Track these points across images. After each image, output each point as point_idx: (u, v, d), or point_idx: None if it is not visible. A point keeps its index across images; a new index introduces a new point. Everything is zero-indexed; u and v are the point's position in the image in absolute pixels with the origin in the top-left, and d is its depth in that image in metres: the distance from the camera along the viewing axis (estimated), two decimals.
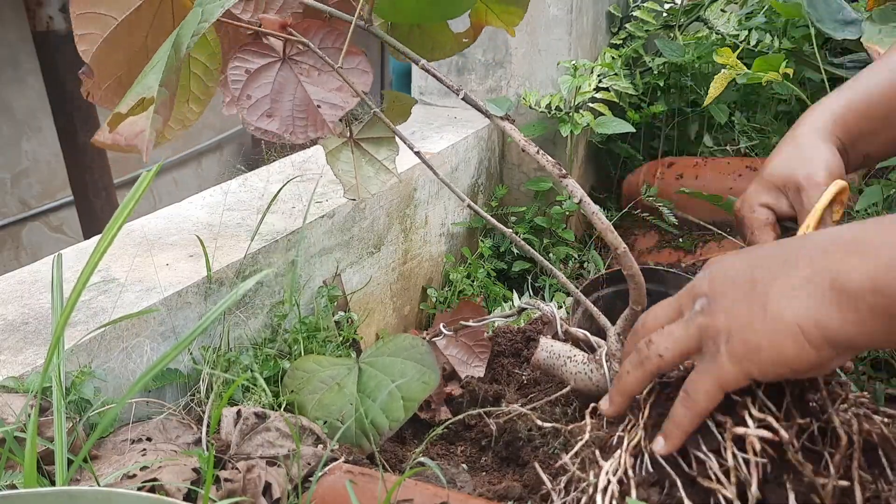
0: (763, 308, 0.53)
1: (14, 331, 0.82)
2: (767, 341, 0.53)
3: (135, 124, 0.64)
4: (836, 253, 0.52)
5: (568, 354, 0.81)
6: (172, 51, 0.67)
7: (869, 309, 0.50)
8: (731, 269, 0.58)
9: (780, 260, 0.55)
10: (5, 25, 3.42)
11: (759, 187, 0.82)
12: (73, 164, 3.02)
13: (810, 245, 0.55)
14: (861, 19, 1.25)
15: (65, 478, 0.64)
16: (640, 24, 1.68)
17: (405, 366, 0.87)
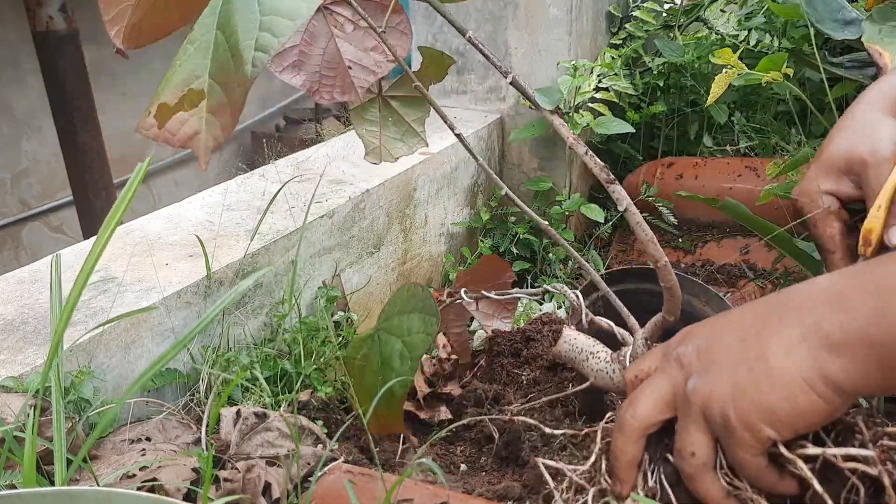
0: (766, 369, 0.52)
1: (14, 331, 0.82)
2: (778, 399, 0.51)
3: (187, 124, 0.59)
4: (821, 309, 0.51)
5: (591, 350, 0.79)
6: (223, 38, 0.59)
7: (865, 360, 0.49)
8: (717, 337, 0.56)
9: (767, 319, 0.54)
10: (5, 25, 3.43)
11: (818, 172, 0.76)
12: (73, 164, 3.02)
13: (796, 301, 0.54)
14: (861, 19, 1.25)
15: (64, 478, 0.64)
16: (640, 25, 1.67)
17: (411, 320, 0.82)
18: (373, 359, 0.82)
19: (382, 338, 0.82)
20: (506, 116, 1.64)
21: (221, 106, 0.59)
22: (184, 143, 0.59)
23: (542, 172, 1.62)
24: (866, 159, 0.72)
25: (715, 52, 1.28)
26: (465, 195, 1.52)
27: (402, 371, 0.80)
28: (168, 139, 0.59)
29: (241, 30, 0.58)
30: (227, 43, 0.59)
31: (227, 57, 0.59)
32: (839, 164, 0.74)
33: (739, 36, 1.56)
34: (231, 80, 0.58)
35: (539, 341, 1.06)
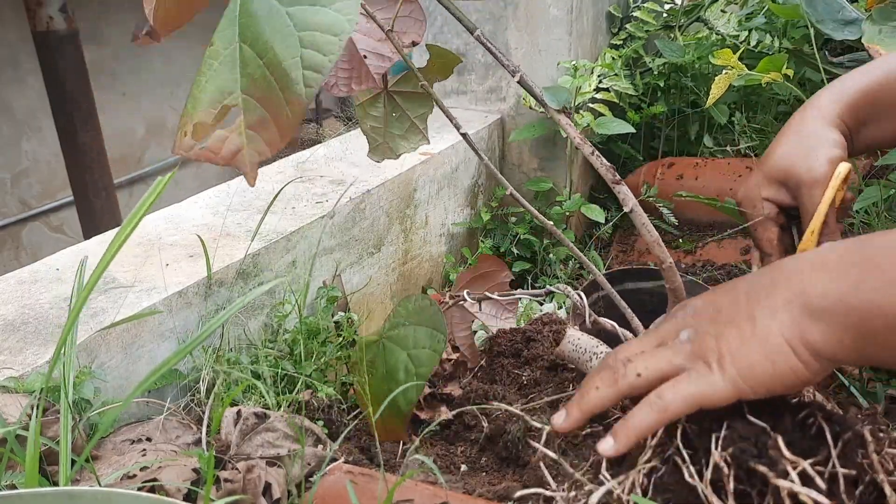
0: (752, 329, 0.55)
1: (14, 331, 0.82)
2: (760, 359, 0.54)
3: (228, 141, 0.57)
4: (807, 276, 0.54)
5: (594, 350, 0.79)
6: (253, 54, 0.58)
7: (842, 326, 0.52)
8: (714, 300, 0.60)
9: (761, 285, 0.57)
10: (5, 25, 3.43)
11: (761, 180, 0.82)
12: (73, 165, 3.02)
13: (787, 269, 0.57)
14: (861, 19, 1.25)
15: (68, 478, 0.64)
16: (641, 25, 1.67)
17: (418, 333, 0.82)
18: (378, 366, 0.83)
19: (388, 347, 0.83)
20: (506, 117, 1.64)
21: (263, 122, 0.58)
22: (227, 161, 0.58)
23: (543, 173, 1.62)
24: (803, 178, 0.77)
25: (715, 53, 1.28)
26: (465, 195, 1.52)
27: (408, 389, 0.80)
28: (211, 158, 0.58)
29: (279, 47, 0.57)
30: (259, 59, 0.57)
31: (264, 74, 0.57)
32: (779, 175, 0.80)
33: (740, 36, 1.56)
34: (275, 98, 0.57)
35: (539, 342, 1.06)
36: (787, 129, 0.82)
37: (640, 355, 0.59)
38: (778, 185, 0.81)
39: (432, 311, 0.81)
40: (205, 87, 0.58)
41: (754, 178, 0.83)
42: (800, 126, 0.81)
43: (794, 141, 0.80)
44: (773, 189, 0.81)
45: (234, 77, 0.58)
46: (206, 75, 0.59)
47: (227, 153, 0.57)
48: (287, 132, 0.57)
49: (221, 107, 0.58)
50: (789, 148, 0.80)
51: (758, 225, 0.81)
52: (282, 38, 0.57)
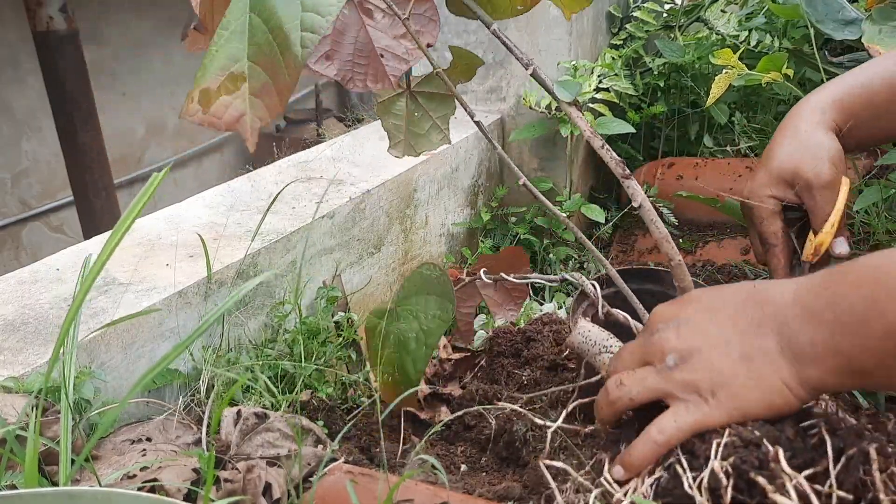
0: (748, 369, 0.60)
1: (14, 331, 0.82)
2: (757, 397, 0.59)
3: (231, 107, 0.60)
4: (794, 324, 0.59)
5: (604, 344, 0.79)
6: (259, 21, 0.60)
7: (836, 368, 0.57)
8: (699, 323, 0.64)
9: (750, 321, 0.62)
10: (5, 25, 3.43)
11: (767, 179, 0.87)
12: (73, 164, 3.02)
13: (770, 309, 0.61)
14: (861, 18, 1.25)
15: (68, 478, 0.64)
16: (641, 25, 1.67)
17: (428, 302, 0.84)
18: (390, 334, 0.84)
19: (400, 315, 0.83)
20: (506, 117, 1.64)
21: (266, 88, 0.60)
22: (230, 126, 0.60)
23: (543, 173, 1.61)
24: (812, 181, 0.83)
25: (715, 53, 1.28)
26: (465, 195, 1.52)
27: (418, 354, 0.82)
28: (214, 122, 0.60)
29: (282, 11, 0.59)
30: (265, 25, 0.59)
31: (269, 40, 0.59)
32: (786, 176, 0.85)
33: (740, 36, 1.56)
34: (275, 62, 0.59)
35: (539, 341, 1.06)
36: (785, 130, 0.87)
37: (630, 376, 0.65)
38: (785, 185, 0.86)
39: (442, 281, 0.83)
40: (214, 56, 0.61)
41: (760, 176, 0.88)
42: (797, 128, 0.86)
43: (796, 143, 0.85)
44: (780, 188, 0.86)
45: (242, 46, 0.60)
46: (217, 45, 0.61)
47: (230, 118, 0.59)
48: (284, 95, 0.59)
49: (228, 74, 0.60)
50: (792, 150, 0.85)
51: (764, 218, 0.87)
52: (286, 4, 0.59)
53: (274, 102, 0.60)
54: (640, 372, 0.65)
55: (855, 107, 0.85)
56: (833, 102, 0.86)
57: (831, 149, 0.83)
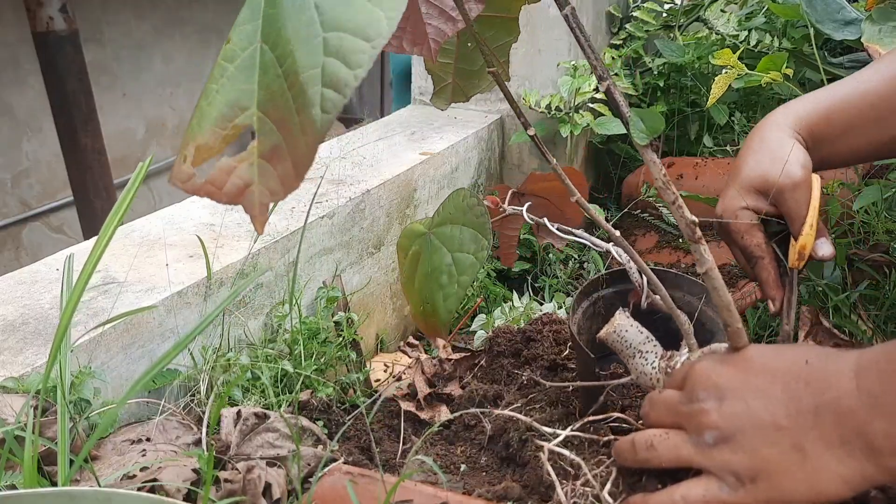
0: (801, 462, 0.57)
1: (14, 331, 0.82)
2: (804, 490, 0.56)
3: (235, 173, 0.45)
4: (860, 415, 0.55)
5: (640, 348, 0.76)
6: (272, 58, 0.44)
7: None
8: (744, 400, 0.60)
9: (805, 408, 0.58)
10: (5, 26, 3.43)
11: (738, 191, 0.86)
12: (73, 165, 3.02)
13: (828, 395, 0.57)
14: (861, 19, 1.25)
15: (67, 478, 0.64)
16: (640, 25, 1.67)
17: (463, 234, 0.77)
18: (423, 263, 0.78)
19: (433, 243, 0.78)
20: (506, 117, 1.64)
21: (278, 151, 0.45)
22: (232, 199, 0.46)
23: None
24: (783, 183, 0.81)
25: (715, 54, 1.28)
26: None
27: (450, 291, 0.77)
28: (212, 193, 0.46)
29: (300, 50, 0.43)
30: (279, 66, 0.44)
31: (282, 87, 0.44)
32: (756, 184, 0.83)
33: (739, 36, 1.56)
34: (290, 120, 0.44)
35: (539, 341, 1.06)
36: (750, 143, 0.86)
37: (663, 441, 0.63)
38: (756, 195, 0.84)
39: (479, 212, 0.76)
40: (214, 98, 0.46)
41: (730, 191, 0.86)
42: (762, 139, 0.85)
43: (762, 152, 0.84)
44: (751, 198, 0.84)
45: (251, 88, 0.45)
46: (218, 83, 0.46)
47: (233, 189, 0.45)
48: (303, 167, 0.45)
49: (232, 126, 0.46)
50: (759, 158, 0.84)
51: (744, 232, 0.84)
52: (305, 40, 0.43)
53: (289, 173, 0.44)
54: (673, 437, 0.63)
55: (816, 123, 0.85)
56: (796, 117, 0.85)
57: (798, 152, 0.82)
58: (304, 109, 0.43)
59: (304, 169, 0.45)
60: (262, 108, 0.45)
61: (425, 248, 0.79)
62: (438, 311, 0.78)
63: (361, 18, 0.41)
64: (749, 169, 0.85)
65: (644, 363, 0.75)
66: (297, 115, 0.43)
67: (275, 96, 0.44)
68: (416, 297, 0.80)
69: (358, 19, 0.41)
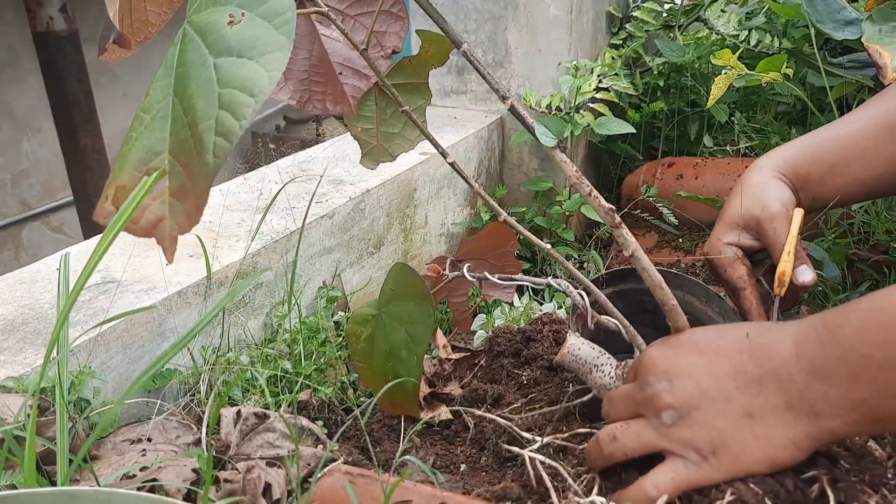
0: (752, 429, 0.59)
1: (14, 331, 0.82)
2: (760, 456, 0.59)
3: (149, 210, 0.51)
4: (801, 380, 0.58)
5: (595, 363, 0.78)
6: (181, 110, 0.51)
7: (854, 418, 0.56)
8: (693, 378, 0.62)
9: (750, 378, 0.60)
10: (5, 26, 3.43)
11: (722, 229, 0.91)
12: (73, 165, 3.02)
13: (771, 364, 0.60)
14: (861, 19, 1.25)
15: (66, 477, 0.64)
16: (640, 25, 1.67)
17: (410, 307, 0.80)
18: (379, 343, 0.81)
19: (387, 322, 0.81)
20: (506, 116, 1.64)
21: (184, 189, 0.51)
22: (147, 233, 0.52)
23: (543, 172, 1.62)
24: (760, 216, 0.87)
25: (716, 54, 1.28)
26: (465, 195, 1.52)
27: (411, 363, 0.79)
28: (129, 228, 0.52)
29: (200, 103, 0.50)
30: (185, 117, 0.51)
31: (187, 135, 0.50)
32: (738, 221, 0.89)
33: (740, 36, 1.56)
34: (192, 163, 0.50)
35: (539, 341, 1.06)
36: (736, 187, 0.92)
37: (625, 431, 0.65)
38: (738, 231, 0.90)
39: (416, 282, 0.79)
40: (133, 145, 0.52)
41: (716, 230, 0.92)
42: (745, 182, 0.91)
43: (745, 193, 0.90)
44: (733, 234, 0.90)
45: (164, 136, 0.51)
46: (137, 131, 0.52)
47: (147, 223, 0.52)
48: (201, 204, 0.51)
49: (146, 168, 0.51)
50: (743, 199, 0.90)
51: (727, 266, 0.89)
52: (204, 94, 0.50)
53: (191, 209, 0.51)
54: (634, 426, 0.65)
55: (801, 165, 0.89)
56: (781, 161, 0.90)
57: (777, 189, 0.87)
58: (201, 154, 0.50)
59: (202, 205, 0.51)
60: (172, 153, 0.51)
61: (379, 328, 0.82)
62: (406, 385, 0.80)
63: (249, 76, 0.49)
64: (731, 209, 0.91)
65: (602, 376, 0.77)
66: (197, 158, 0.50)
67: (182, 142, 0.51)
68: (376, 378, 0.83)
69: (246, 77, 0.49)
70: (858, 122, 0.90)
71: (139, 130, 0.52)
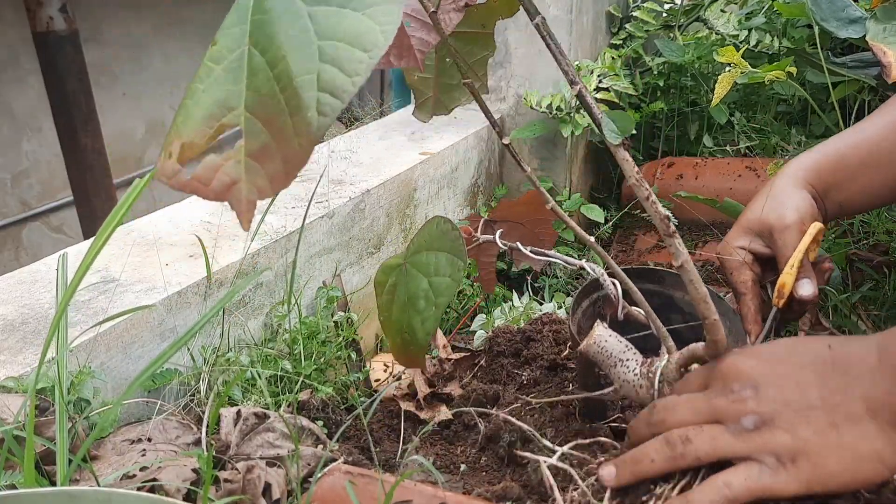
0: (838, 439, 0.58)
1: (14, 331, 0.82)
2: (843, 468, 0.57)
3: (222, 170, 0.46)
4: (886, 389, 0.57)
5: (620, 357, 0.77)
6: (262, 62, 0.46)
7: None
8: (778, 387, 0.62)
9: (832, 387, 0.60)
10: (5, 25, 3.43)
11: (737, 232, 0.91)
12: (73, 165, 3.02)
13: (854, 371, 0.59)
14: (865, 17, 1.25)
15: (65, 477, 0.63)
16: (640, 25, 1.67)
17: (438, 259, 0.78)
18: (400, 293, 0.79)
19: (410, 272, 0.79)
20: (506, 116, 1.64)
21: (266, 150, 0.46)
22: (219, 196, 0.46)
23: (543, 172, 1.61)
24: (773, 225, 0.86)
25: (719, 50, 1.28)
26: (465, 195, 1.52)
27: (427, 314, 0.76)
28: (198, 189, 0.47)
29: (294, 56, 0.45)
30: (269, 70, 0.46)
31: (272, 90, 0.46)
32: (753, 227, 0.89)
33: (739, 36, 1.56)
34: (282, 123, 0.46)
35: (539, 341, 1.06)
36: (760, 193, 0.92)
37: (698, 434, 0.63)
38: (752, 236, 0.89)
39: (453, 237, 0.77)
40: (200, 98, 0.48)
41: (731, 232, 0.92)
42: (770, 187, 0.90)
43: (768, 200, 0.90)
44: (747, 239, 0.90)
45: (239, 89, 0.46)
46: (205, 83, 0.48)
47: (219, 186, 0.46)
48: (293, 167, 0.46)
49: (218, 125, 0.47)
50: (762, 205, 0.90)
51: (733, 269, 0.89)
52: (298, 46, 0.45)
53: (278, 171, 0.46)
54: (709, 430, 0.63)
55: (825, 170, 0.89)
56: (809, 166, 0.90)
57: (798, 200, 0.87)
58: (298, 112, 0.45)
59: (296, 169, 0.46)
60: (250, 108, 0.46)
61: (401, 278, 0.80)
62: (416, 336, 0.78)
63: (356, 29, 0.44)
64: (751, 213, 0.90)
65: (626, 371, 0.77)
66: (291, 117, 0.45)
67: (264, 98, 0.46)
68: (393, 329, 0.81)
69: (352, 30, 0.44)
70: (874, 127, 0.90)
71: (206, 82, 0.47)
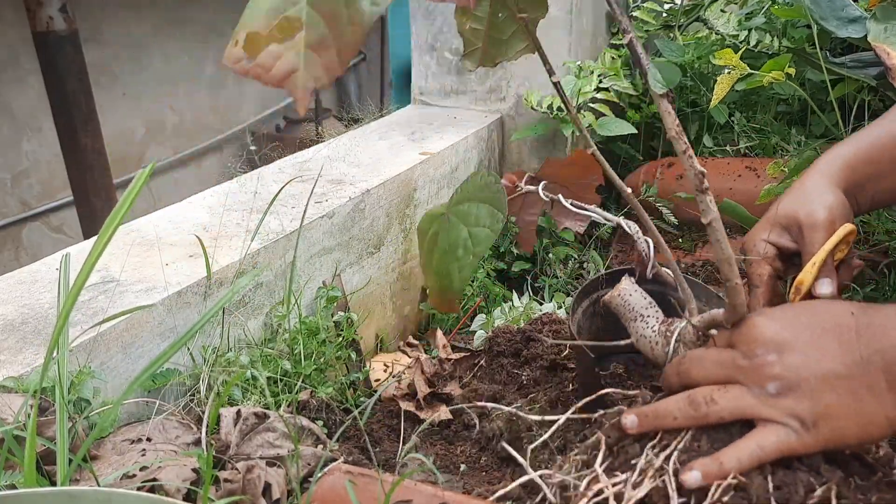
0: (859, 407, 0.62)
1: (14, 331, 0.82)
2: (857, 430, 0.62)
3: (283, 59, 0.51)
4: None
5: (642, 312, 0.79)
6: None
7: None
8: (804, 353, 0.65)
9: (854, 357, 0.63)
10: (5, 25, 3.42)
11: (764, 225, 0.91)
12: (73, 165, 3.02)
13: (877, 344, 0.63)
14: (864, 16, 1.24)
15: (66, 477, 0.63)
16: (640, 25, 1.67)
17: (480, 210, 0.81)
18: (441, 240, 0.82)
19: (451, 221, 0.81)
20: (506, 116, 1.64)
21: (324, 42, 0.51)
22: (279, 82, 0.51)
23: None
24: (802, 222, 0.86)
25: (717, 54, 1.28)
26: None
27: (465, 262, 0.79)
28: (260, 75, 0.51)
29: None
30: None
31: None
32: (782, 221, 0.89)
33: (739, 36, 1.56)
34: (338, 13, 0.50)
35: (539, 341, 1.06)
36: (793, 186, 0.92)
37: (723, 394, 0.66)
38: (780, 230, 0.89)
39: (495, 189, 0.80)
40: None
41: (759, 224, 0.92)
42: (802, 184, 0.90)
43: (797, 194, 0.90)
44: (774, 233, 0.89)
45: None
46: None
47: (279, 73, 0.51)
48: (345, 55, 0.51)
49: (282, 18, 0.51)
50: (792, 199, 0.89)
51: (754, 262, 0.90)
52: None
53: (333, 61, 0.51)
54: (733, 391, 0.66)
55: (857, 164, 0.89)
56: (841, 161, 0.90)
57: (829, 197, 0.87)
58: (353, 2, 0.50)
59: (349, 57, 0.51)
60: (311, 3, 0.51)
61: (443, 227, 0.82)
62: (453, 281, 0.80)
63: None
64: (781, 207, 0.90)
65: (645, 326, 0.78)
66: (346, 7, 0.50)
67: None
68: (433, 275, 0.83)
69: None
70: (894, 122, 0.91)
71: None
